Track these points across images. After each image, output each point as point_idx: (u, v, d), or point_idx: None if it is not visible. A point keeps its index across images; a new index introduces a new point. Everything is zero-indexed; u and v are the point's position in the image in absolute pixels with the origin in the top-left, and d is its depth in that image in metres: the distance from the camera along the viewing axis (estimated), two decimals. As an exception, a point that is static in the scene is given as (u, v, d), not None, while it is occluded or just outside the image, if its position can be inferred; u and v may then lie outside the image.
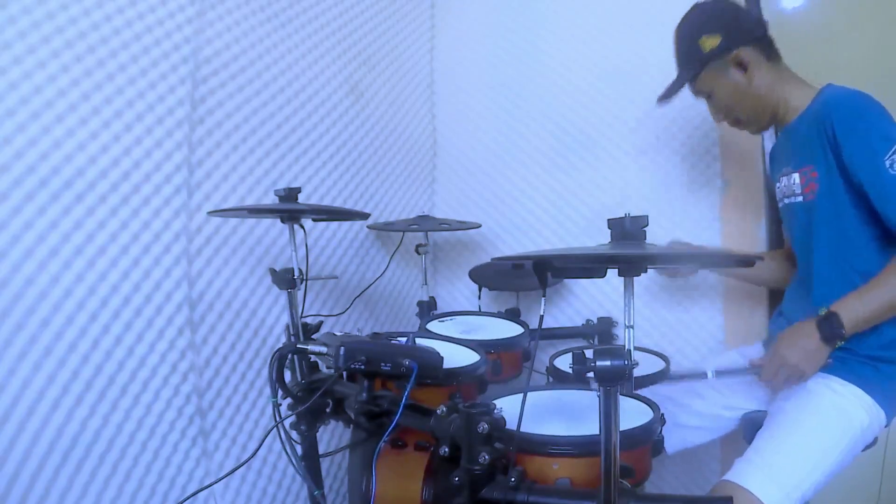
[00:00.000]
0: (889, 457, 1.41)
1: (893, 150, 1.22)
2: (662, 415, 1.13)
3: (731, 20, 1.45)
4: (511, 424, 0.97)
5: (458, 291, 2.43)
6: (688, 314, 2.03)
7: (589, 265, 0.98)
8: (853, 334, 1.24)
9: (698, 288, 2.01)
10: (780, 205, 1.53)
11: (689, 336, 2.03)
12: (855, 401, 1.27)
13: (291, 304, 1.37)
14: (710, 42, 1.42)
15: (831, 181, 1.32)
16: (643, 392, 1.28)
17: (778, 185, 1.52)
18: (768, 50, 1.45)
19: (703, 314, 2.02)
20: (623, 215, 1.00)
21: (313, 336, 1.38)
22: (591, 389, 0.86)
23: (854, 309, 1.23)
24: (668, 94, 1.52)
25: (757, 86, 1.43)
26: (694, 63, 1.46)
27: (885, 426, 1.31)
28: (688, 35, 1.48)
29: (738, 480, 1.18)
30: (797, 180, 1.41)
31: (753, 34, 1.44)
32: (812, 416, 1.25)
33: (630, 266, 1.00)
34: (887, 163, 1.21)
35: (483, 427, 0.94)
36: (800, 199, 1.41)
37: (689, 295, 2.02)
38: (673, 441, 1.50)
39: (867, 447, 1.33)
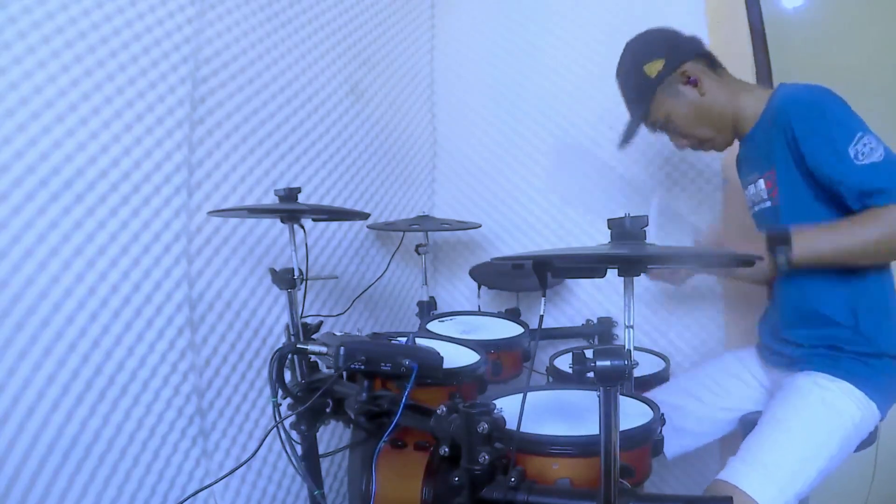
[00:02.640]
0: (881, 456, 1.41)
1: (856, 140, 1.20)
2: (662, 415, 1.13)
3: (667, 42, 1.46)
4: (511, 424, 0.97)
5: (458, 291, 2.42)
6: (688, 314, 2.03)
7: (589, 265, 0.98)
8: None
9: (698, 288, 2.01)
10: (752, 212, 1.52)
11: (689, 336, 2.03)
12: (844, 396, 1.26)
13: (291, 304, 1.37)
14: (655, 67, 1.42)
15: (792, 181, 1.32)
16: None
17: (747, 192, 1.52)
18: (712, 62, 1.45)
19: (703, 314, 2.02)
20: (623, 215, 1.00)
21: (313, 336, 1.38)
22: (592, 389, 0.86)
23: (808, 237, 1.24)
24: (628, 136, 1.51)
25: (711, 98, 1.42)
26: (644, 92, 1.45)
27: (881, 419, 1.32)
28: (630, 71, 1.48)
29: (730, 479, 1.17)
30: (763, 185, 1.41)
31: (694, 50, 1.44)
32: (801, 413, 1.26)
33: (630, 266, 1.00)
34: (851, 153, 1.20)
35: (483, 427, 0.93)
36: (768, 203, 1.41)
37: (689, 295, 2.02)
38: (672, 446, 1.49)
39: (865, 443, 1.32)
